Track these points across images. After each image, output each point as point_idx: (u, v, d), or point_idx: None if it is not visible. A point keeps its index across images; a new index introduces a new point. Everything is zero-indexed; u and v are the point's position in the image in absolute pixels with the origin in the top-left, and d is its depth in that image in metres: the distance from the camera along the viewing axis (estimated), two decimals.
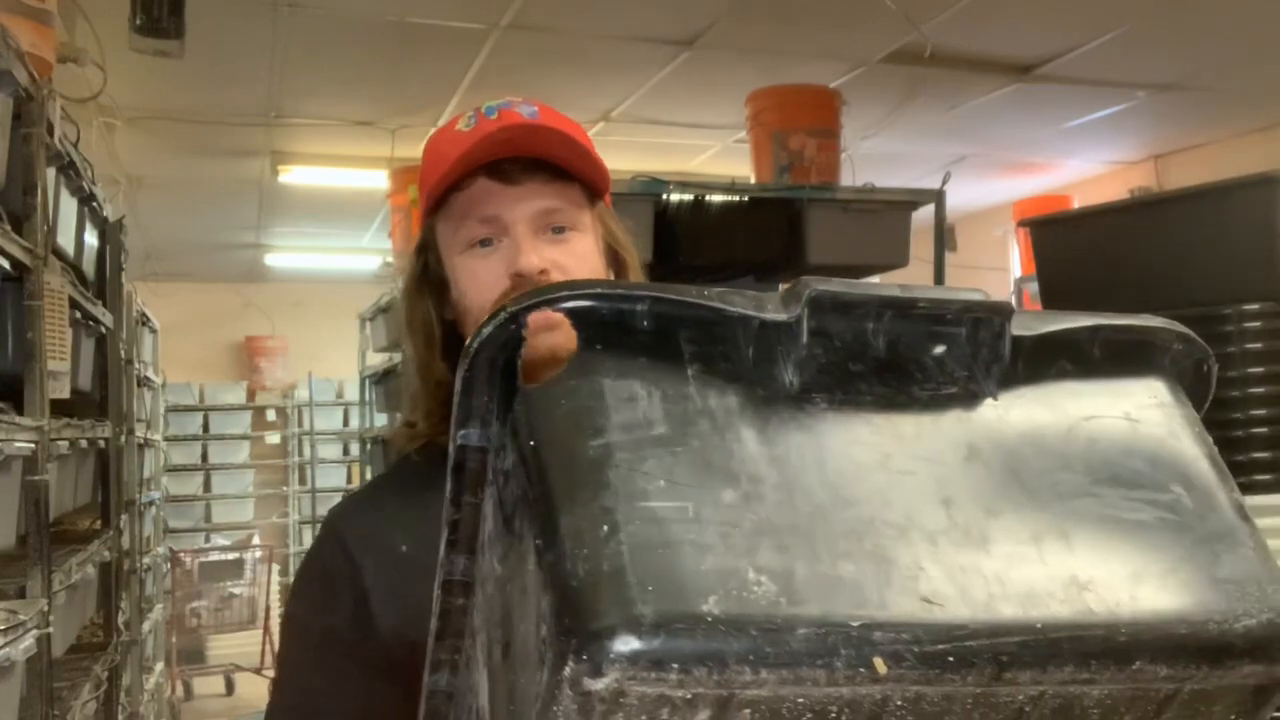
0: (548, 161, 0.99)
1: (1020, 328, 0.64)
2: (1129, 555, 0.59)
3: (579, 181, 1.02)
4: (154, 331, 5.62)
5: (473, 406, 0.64)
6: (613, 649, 0.48)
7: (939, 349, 0.63)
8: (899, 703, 0.53)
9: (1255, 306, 1.97)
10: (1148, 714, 0.59)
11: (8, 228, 2.02)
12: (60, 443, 2.44)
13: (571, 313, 0.61)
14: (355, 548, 0.96)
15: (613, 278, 1.05)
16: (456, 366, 0.95)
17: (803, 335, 0.60)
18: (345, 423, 8.78)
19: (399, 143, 5.22)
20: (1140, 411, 0.67)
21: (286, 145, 5.39)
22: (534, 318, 0.89)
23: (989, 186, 6.80)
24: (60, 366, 2.31)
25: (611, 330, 0.61)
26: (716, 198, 3.20)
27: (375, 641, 0.92)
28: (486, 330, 0.62)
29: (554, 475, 0.56)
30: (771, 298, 0.62)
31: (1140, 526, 0.61)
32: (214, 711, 6.88)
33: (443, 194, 1.01)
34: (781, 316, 0.60)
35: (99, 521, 3.41)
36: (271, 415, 8.97)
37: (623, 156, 5.52)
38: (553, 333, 0.91)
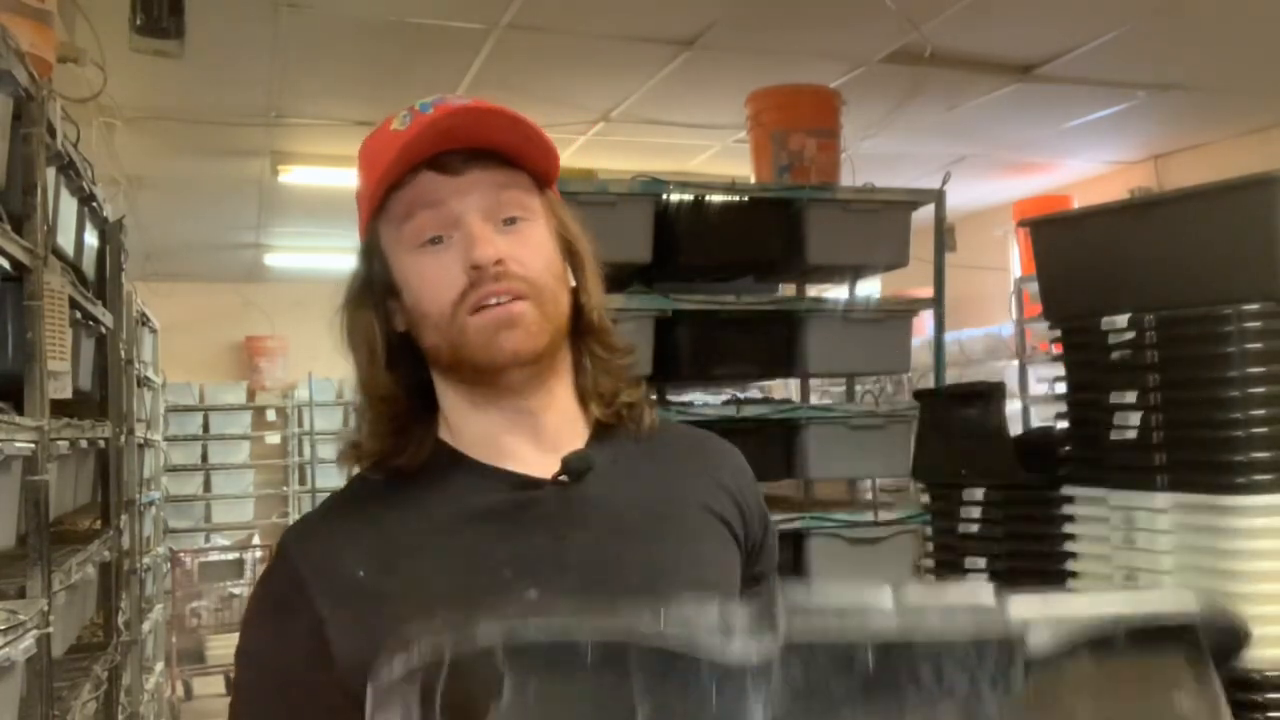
0: (490, 150, 0.94)
1: (1036, 643, 0.55)
2: None
3: (525, 170, 0.97)
4: (154, 331, 5.62)
5: None
6: None
7: (937, 660, 0.54)
8: None
9: (1255, 306, 1.97)
10: None
11: (8, 228, 2.02)
12: (60, 443, 2.44)
13: (503, 649, 0.52)
14: (309, 576, 0.91)
15: (568, 269, 0.98)
16: (401, 380, 0.95)
17: (775, 675, 0.52)
18: (345, 423, 8.68)
19: None
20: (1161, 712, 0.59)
21: (286, 145, 5.39)
22: (495, 314, 0.90)
23: (989, 186, 6.80)
24: (60, 366, 2.31)
25: (549, 670, 0.51)
26: (716, 198, 3.21)
27: (332, 676, 0.86)
28: (397, 670, 0.52)
29: None
30: (742, 616, 0.53)
31: None
32: (214, 711, 6.88)
33: (384, 194, 0.95)
34: (752, 660, 0.52)
35: (99, 521, 3.41)
36: (271, 415, 8.97)
37: (623, 156, 5.52)
38: (512, 331, 0.92)
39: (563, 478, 0.95)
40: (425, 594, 0.89)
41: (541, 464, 0.96)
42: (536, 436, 0.97)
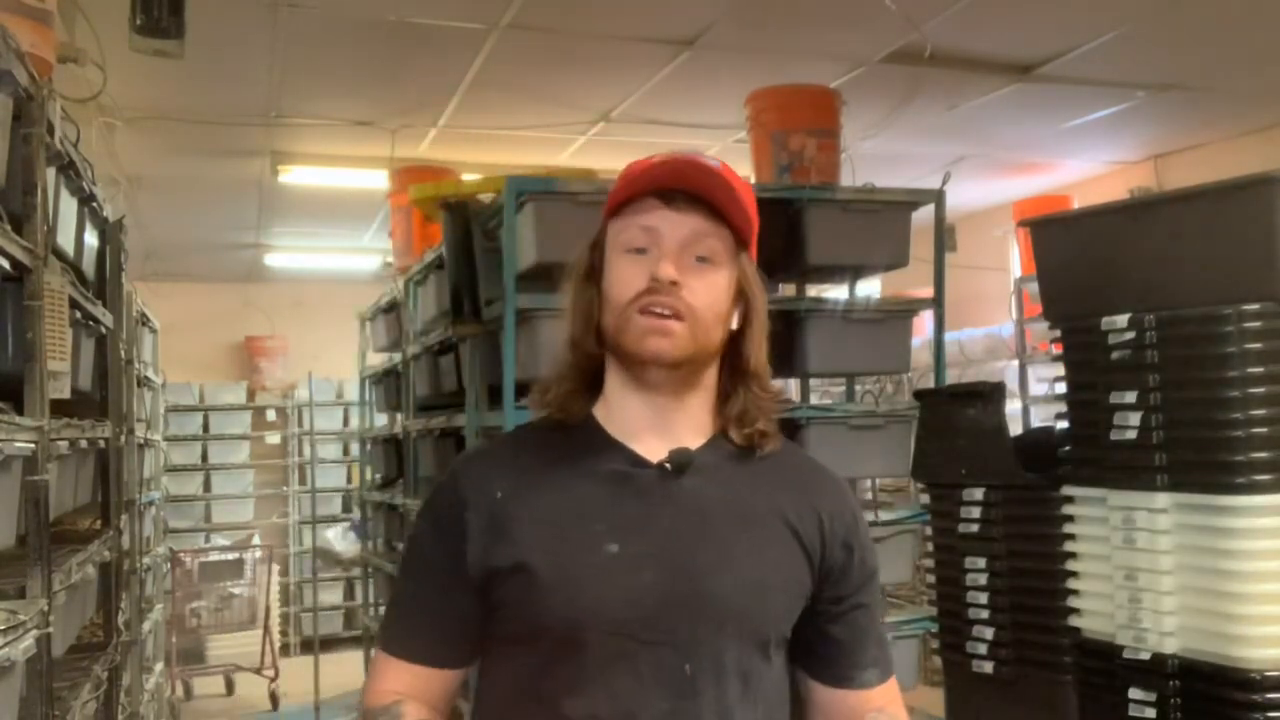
0: (709, 201, 1.18)
1: None
2: None
3: (731, 229, 1.21)
4: (154, 331, 5.62)
5: None
6: None
7: None
8: None
9: (1255, 306, 1.97)
10: None
11: (8, 228, 2.01)
12: (60, 443, 2.44)
13: None
14: (466, 493, 1.20)
15: (736, 316, 1.22)
16: (602, 346, 1.22)
17: None
18: (345, 423, 8.77)
19: (399, 143, 5.22)
20: None
21: (286, 145, 5.39)
22: (654, 321, 1.15)
23: (989, 186, 6.80)
24: (60, 366, 2.31)
25: None
26: None
27: (466, 566, 1.17)
28: None
29: None
30: None
31: None
32: (214, 711, 6.88)
33: (621, 202, 1.20)
34: None
35: (99, 521, 3.41)
36: (271, 415, 8.96)
37: (623, 156, 5.49)
38: (661, 338, 1.13)
39: (667, 465, 1.18)
40: (537, 523, 1.16)
41: (660, 453, 1.19)
42: (664, 430, 1.21)
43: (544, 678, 1.13)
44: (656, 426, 1.20)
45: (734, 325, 1.22)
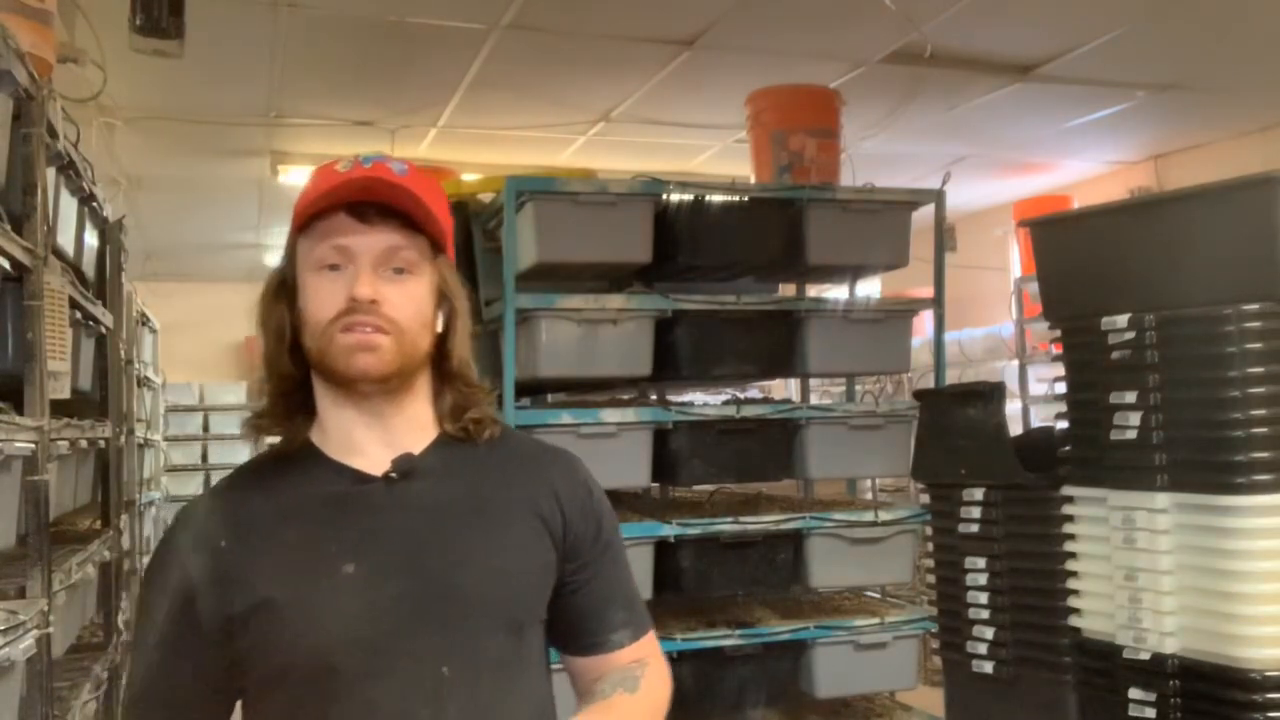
0: (400, 212, 1.16)
1: None
2: None
3: (425, 234, 1.19)
4: (154, 331, 5.62)
5: None
6: None
7: None
8: None
9: (1255, 306, 1.96)
10: None
11: (8, 228, 2.02)
12: (60, 443, 2.44)
13: None
14: (184, 549, 1.16)
15: (439, 319, 1.21)
16: (299, 364, 1.19)
17: None
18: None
19: (399, 143, 5.22)
20: None
21: (286, 145, 5.39)
22: (358, 338, 1.13)
23: (989, 186, 6.80)
24: (60, 366, 2.31)
25: None
26: (716, 198, 3.20)
27: (199, 623, 1.13)
28: None
29: None
30: None
31: None
32: None
33: (309, 219, 1.17)
34: None
35: (99, 521, 3.41)
36: None
37: (623, 156, 5.52)
38: (367, 354, 1.12)
39: (392, 474, 1.17)
40: (269, 560, 1.14)
41: (385, 462, 1.18)
42: (385, 438, 1.19)
43: (301, 713, 1.12)
44: (377, 435, 1.19)
45: (438, 328, 1.21)
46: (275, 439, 1.22)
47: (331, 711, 1.11)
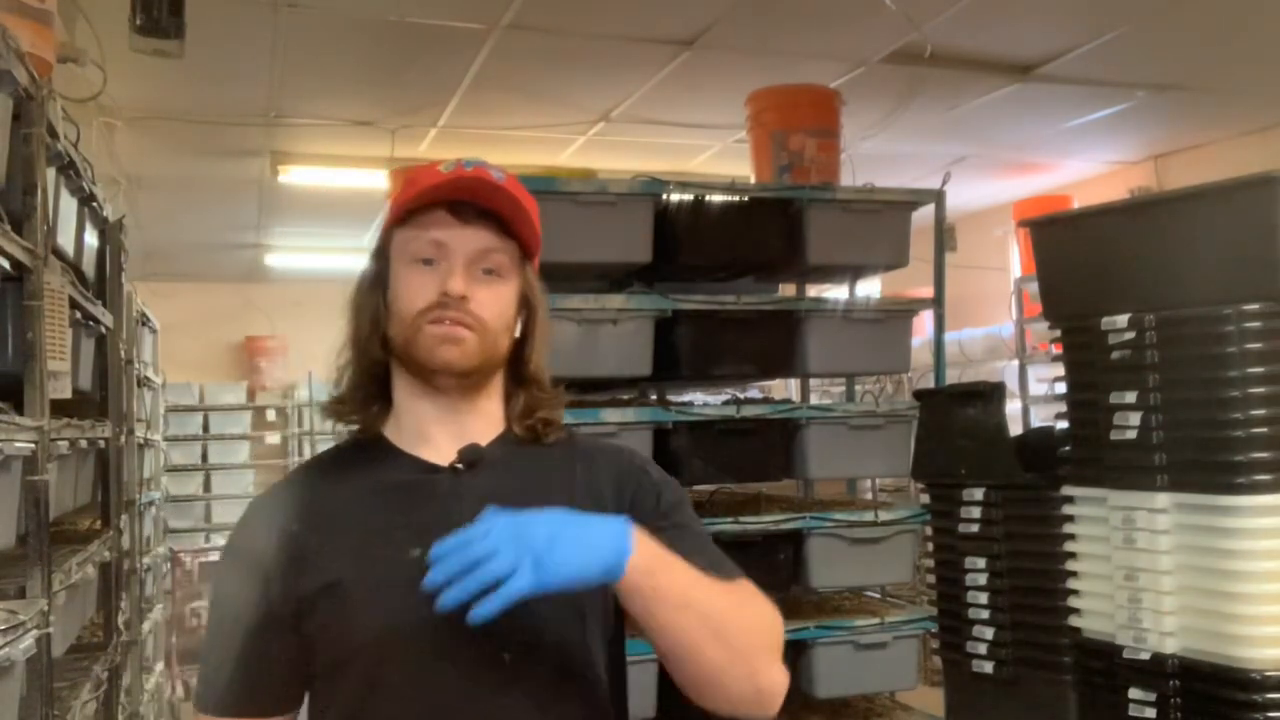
0: (497, 215, 1.21)
1: None
2: None
3: (517, 242, 1.23)
4: (154, 331, 5.61)
5: None
6: None
7: None
8: None
9: (1255, 306, 1.96)
10: None
11: (8, 228, 2.01)
12: (60, 443, 2.44)
13: None
14: (260, 531, 1.21)
15: (519, 324, 1.26)
16: (386, 352, 1.24)
17: None
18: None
19: (399, 143, 5.22)
20: None
21: (286, 145, 5.39)
22: (444, 330, 1.18)
23: (989, 186, 6.80)
24: (60, 366, 2.31)
25: None
26: (716, 198, 3.20)
27: (273, 604, 1.17)
28: None
29: None
30: None
31: None
32: None
33: (407, 212, 1.21)
34: None
35: (99, 521, 3.41)
36: (271, 415, 8.96)
37: (623, 156, 5.52)
38: (452, 346, 1.16)
39: (458, 464, 1.21)
40: (338, 544, 1.17)
41: (453, 454, 1.22)
42: (456, 432, 1.23)
43: (368, 696, 1.14)
44: (448, 428, 1.23)
45: (517, 333, 1.26)
46: (352, 425, 1.27)
47: (395, 694, 1.13)
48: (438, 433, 1.23)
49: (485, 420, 1.26)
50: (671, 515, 1.26)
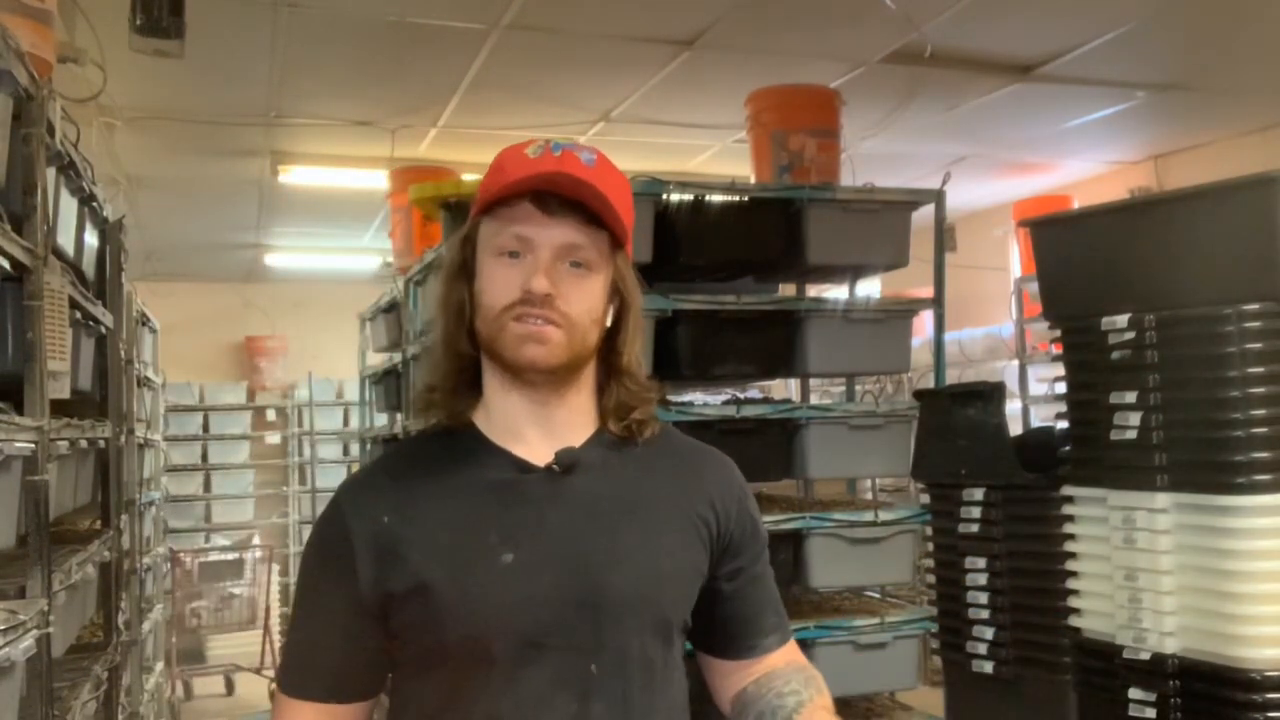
0: (584, 205, 1.16)
1: None
2: None
3: (606, 230, 1.19)
4: (154, 331, 5.61)
5: None
6: None
7: None
8: None
9: (1255, 306, 1.96)
10: None
11: (8, 228, 2.01)
12: (60, 443, 2.44)
13: None
14: (350, 520, 1.18)
15: (609, 315, 1.22)
16: (475, 344, 1.21)
17: None
18: (345, 423, 8.77)
19: (399, 143, 5.22)
20: None
21: (286, 145, 5.39)
22: (529, 328, 1.12)
23: (989, 186, 6.80)
24: (60, 366, 2.31)
25: None
26: (716, 198, 3.20)
27: (360, 595, 1.15)
28: None
29: None
30: None
31: None
32: (214, 711, 6.88)
33: (494, 202, 1.18)
34: None
35: (99, 521, 3.41)
36: (271, 415, 8.96)
37: (623, 156, 5.49)
38: (538, 346, 1.13)
39: (555, 466, 1.18)
40: (429, 542, 1.15)
41: (546, 452, 1.19)
42: (547, 427, 1.20)
43: (452, 696, 1.14)
44: (540, 423, 1.20)
45: (609, 323, 1.23)
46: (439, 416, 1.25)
47: (479, 699, 1.13)
48: (528, 427, 1.20)
49: (577, 415, 1.22)
50: (762, 557, 1.30)
